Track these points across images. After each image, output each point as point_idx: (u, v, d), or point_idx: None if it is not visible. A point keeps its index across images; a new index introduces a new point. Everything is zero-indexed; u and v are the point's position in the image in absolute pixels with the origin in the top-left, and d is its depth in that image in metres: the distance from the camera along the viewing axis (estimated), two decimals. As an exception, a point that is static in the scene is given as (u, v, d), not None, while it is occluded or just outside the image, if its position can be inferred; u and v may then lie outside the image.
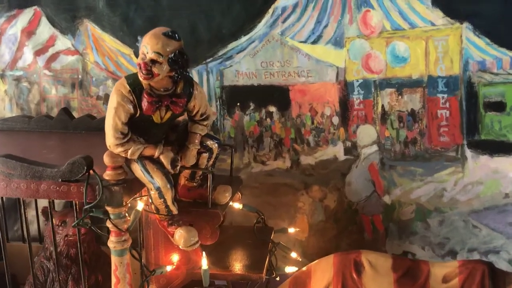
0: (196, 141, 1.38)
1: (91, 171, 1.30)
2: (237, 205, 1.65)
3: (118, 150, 1.26)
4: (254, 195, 2.00)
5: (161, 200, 1.31)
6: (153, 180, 1.29)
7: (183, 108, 1.28)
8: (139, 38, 1.85)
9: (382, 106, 1.88)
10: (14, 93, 2.15)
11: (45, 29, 2.08)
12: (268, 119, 1.98)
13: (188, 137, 1.38)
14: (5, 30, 2.11)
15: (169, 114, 1.29)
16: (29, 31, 2.11)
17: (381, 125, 1.90)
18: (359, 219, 1.98)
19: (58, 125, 1.84)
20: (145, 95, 1.23)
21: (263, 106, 1.97)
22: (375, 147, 1.92)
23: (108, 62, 2.07)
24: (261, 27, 1.91)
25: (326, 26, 1.87)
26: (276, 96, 1.95)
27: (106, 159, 1.28)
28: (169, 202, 1.32)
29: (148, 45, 1.18)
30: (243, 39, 1.93)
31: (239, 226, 1.81)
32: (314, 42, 1.88)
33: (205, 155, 1.42)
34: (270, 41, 1.91)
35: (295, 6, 1.88)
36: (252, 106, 1.98)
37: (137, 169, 1.30)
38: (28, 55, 2.12)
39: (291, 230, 1.77)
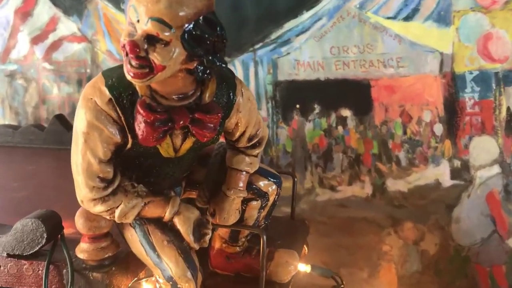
0: (241, 184, 0.78)
1: (58, 237, 0.71)
2: (303, 267, 1.05)
3: (97, 209, 0.67)
4: (320, 233, 1.48)
5: (177, 295, 0.70)
6: (162, 264, 0.69)
7: (216, 132, 0.67)
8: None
9: (508, 109, 1.37)
10: (7, 93, 1.70)
11: (44, 9, 1.65)
12: (340, 127, 1.49)
13: (227, 177, 0.79)
14: (-6, 11, 1.68)
15: (190, 142, 0.69)
16: (24, 12, 1.66)
17: (506, 137, 1.39)
18: (471, 271, 1.48)
19: (51, 138, 1.38)
20: (139, 108, 0.62)
21: (332, 109, 1.50)
22: (496, 169, 1.41)
23: (124, 51, 1.54)
24: (330, -1, 1.44)
25: (425, -5, 1.39)
26: (351, 94, 1.47)
27: (79, 222, 0.70)
28: (191, 299, 0.71)
29: (140, 3, 0.59)
30: (305, 15, 1.46)
31: (304, 291, 1.22)
32: (408, 18, 1.41)
33: (256, 204, 0.82)
34: (343, 18, 1.44)
35: (380, -34, 1.42)
36: (317, 109, 1.50)
37: (134, 240, 0.71)
38: (23, 43, 1.69)
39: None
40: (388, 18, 1.40)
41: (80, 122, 0.65)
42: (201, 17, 0.59)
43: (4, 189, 1.03)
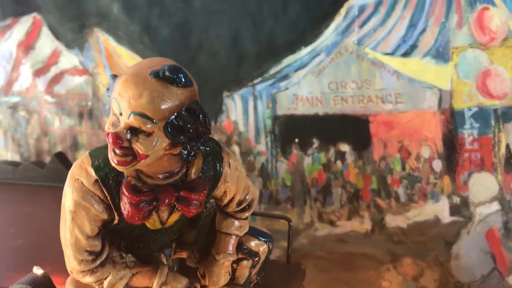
0: (230, 247, 0.76)
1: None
2: (299, 313, 1.02)
3: (86, 280, 0.66)
4: (319, 268, 1.44)
5: None
6: (151, 334, 0.67)
7: (202, 207, 0.65)
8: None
9: (507, 146, 1.32)
10: (10, 124, 1.65)
11: (46, 43, 1.62)
12: (339, 162, 1.45)
13: (216, 240, 0.77)
14: (-3, 44, 1.66)
15: (177, 215, 0.68)
16: (27, 46, 1.64)
17: (505, 173, 1.32)
18: (471, 308, 1.41)
19: (51, 176, 1.36)
20: (124, 190, 0.61)
21: (331, 143, 1.45)
22: (495, 205, 1.35)
23: (125, 84, 1.51)
24: (329, 35, 1.40)
25: (423, 31, 1.34)
26: (350, 130, 1.43)
27: (69, 289, 0.67)
28: None
29: (123, 98, 0.57)
30: (304, 51, 1.43)
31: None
32: (406, 54, 1.36)
33: (247, 263, 0.80)
34: (342, 54, 1.40)
35: (378, 4, 1.36)
36: (316, 143, 1.46)
37: (124, 308, 0.68)
38: (25, 76, 1.66)
39: None
40: (386, 54, 1.36)
41: (68, 201, 0.64)
42: (183, 108, 0.57)
43: (0, 236, 1.01)
